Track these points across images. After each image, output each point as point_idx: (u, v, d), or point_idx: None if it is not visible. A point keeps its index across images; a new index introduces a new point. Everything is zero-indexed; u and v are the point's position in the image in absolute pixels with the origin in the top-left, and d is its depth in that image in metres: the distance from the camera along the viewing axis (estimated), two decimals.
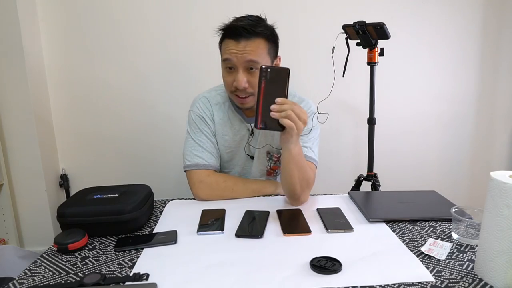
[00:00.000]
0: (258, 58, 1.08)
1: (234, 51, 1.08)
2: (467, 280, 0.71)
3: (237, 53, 1.07)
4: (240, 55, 1.07)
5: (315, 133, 1.23)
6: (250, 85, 1.11)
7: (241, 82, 1.09)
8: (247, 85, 1.11)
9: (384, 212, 1.04)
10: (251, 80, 1.10)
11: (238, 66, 1.09)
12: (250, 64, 1.08)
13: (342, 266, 0.76)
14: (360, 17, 1.60)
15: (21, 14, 1.76)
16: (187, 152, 1.23)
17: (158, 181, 1.59)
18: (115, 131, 2.04)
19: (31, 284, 0.74)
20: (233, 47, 1.08)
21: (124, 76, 1.98)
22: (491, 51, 2.10)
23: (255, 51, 1.08)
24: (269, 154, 1.28)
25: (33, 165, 1.88)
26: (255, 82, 1.06)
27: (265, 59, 1.11)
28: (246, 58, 1.07)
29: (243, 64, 1.08)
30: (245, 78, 1.10)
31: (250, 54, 1.07)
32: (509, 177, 0.68)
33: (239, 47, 1.07)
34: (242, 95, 1.13)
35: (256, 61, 1.08)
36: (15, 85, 1.80)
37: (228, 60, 1.10)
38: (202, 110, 1.25)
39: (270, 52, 1.13)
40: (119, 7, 1.90)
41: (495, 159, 2.25)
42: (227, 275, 0.75)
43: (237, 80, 1.10)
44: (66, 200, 1.05)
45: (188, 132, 1.26)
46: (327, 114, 1.30)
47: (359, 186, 1.81)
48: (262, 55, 1.10)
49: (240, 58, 1.07)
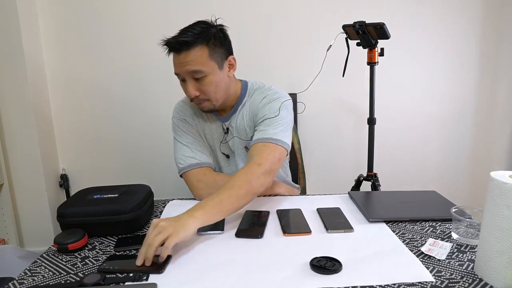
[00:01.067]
0: (200, 66, 1.09)
1: (178, 63, 1.10)
2: (467, 280, 0.71)
3: (180, 65, 1.10)
4: (183, 66, 1.09)
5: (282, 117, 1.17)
6: (202, 92, 1.13)
7: (191, 92, 1.12)
8: (197, 93, 1.13)
9: (384, 212, 1.04)
10: (201, 88, 1.12)
11: (185, 77, 1.12)
12: (193, 74, 1.10)
13: (342, 266, 0.76)
14: (360, 17, 1.60)
15: (21, 14, 1.76)
16: (178, 156, 1.24)
17: (158, 181, 1.59)
18: (115, 131, 2.04)
19: (31, 284, 0.74)
20: (176, 60, 1.10)
21: (124, 76, 1.98)
22: (490, 51, 2.10)
23: (195, 61, 1.08)
24: (247, 148, 1.27)
25: (33, 165, 1.88)
26: (206, 89, 1.12)
27: (210, 64, 1.11)
28: (188, 69, 1.09)
29: (188, 74, 1.11)
30: (194, 87, 1.12)
31: (191, 64, 1.09)
32: (509, 177, 0.68)
33: (180, 59, 1.09)
34: (197, 102, 1.16)
35: (199, 70, 1.09)
36: (15, 85, 1.80)
37: (177, 73, 1.13)
38: (182, 112, 1.28)
39: (214, 57, 1.12)
40: (119, 7, 1.90)
41: (495, 159, 2.25)
42: (227, 275, 0.75)
43: (187, 90, 1.13)
44: (66, 200, 1.05)
45: (175, 138, 1.28)
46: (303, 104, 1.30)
47: (359, 186, 1.81)
48: (205, 62, 1.10)
49: (184, 69, 1.10)
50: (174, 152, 1.26)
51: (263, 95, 1.22)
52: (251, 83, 1.28)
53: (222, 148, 1.28)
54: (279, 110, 1.17)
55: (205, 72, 1.10)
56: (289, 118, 1.19)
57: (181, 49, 1.08)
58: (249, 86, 1.27)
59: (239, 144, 1.26)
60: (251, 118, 1.23)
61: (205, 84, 1.11)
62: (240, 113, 1.24)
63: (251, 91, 1.25)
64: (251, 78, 1.30)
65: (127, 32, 1.93)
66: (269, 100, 1.19)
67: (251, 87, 1.26)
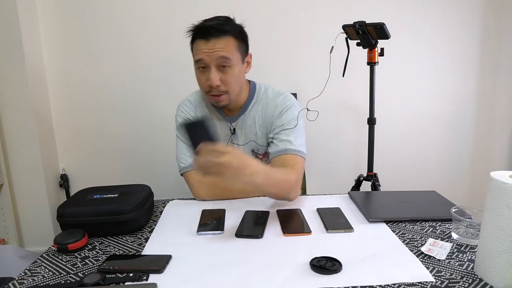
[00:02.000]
0: (229, 54, 1.10)
1: (205, 49, 1.09)
2: (467, 280, 0.71)
3: (208, 51, 1.09)
4: (211, 53, 1.09)
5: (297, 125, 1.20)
6: (223, 83, 1.12)
7: (214, 80, 1.10)
8: (219, 82, 1.11)
9: (384, 212, 1.04)
10: (224, 78, 1.12)
11: (210, 64, 1.10)
12: (222, 61, 1.10)
13: (342, 266, 0.76)
14: (360, 17, 1.60)
15: (21, 14, 1.76)
16: (179, 155, 1.24)
17: (158, 181, 1.59)
18: (115, 131, 2.04)
19: (31, 284, 0.74)
20: (203, 46, 1.09)
21: (124, 76, 1.98)
22: (491, 51, 2.10)
23: (225, 48, 1.09)
24: (254, 152, 1.28)
25: (33, 165, 1.88)
26: (228, 79, 1.11)
27: (235, 55, 1.12)
28: (217, 55, 1.09)
29: (215, 61, 1.10)
30: (217, 76, 1.11)
31: (221, 51, 1.09)
32: (509, 177, 0.68)
33: (209, 45, 1.09)
34: (216, 93, 1.14)
35: (228, 57, 1.10)
36: (15, 85, 1.80)
37: (200, 59, 1.11)
38: (187, 112, 1.27)
39: (239, 50, 1.14)
40: (119, 8, 1.90)
41: (495, 159, 2.25)
42: (227, 275, 0.75)
43: (210, 78, 1.11)
44: (66, 200, 1.05)
45: (177, 136, 1.27)
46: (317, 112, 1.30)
47: (359, 186, 1.81)
48: (232, 52, 1.11)
49: (211, 56, 1.09)
50: (176, 150, 1.26)
51: (275, 101, 1.22)
52: (258, 85, 1.28)
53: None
54: (297, 119, 1.20)
55: (232, 62, 1.11)
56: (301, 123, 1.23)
57: (211, 36, 1.08)
58: (257, 88, 1.27)
59: (248, 147, 1.26)
60: (264, 124, 1.23)
61: (228, 74, 1.11)
62: (250, 115, 1.24)
63: (260, 93, 1.25)
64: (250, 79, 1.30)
65: (127, 33, 1.93)
66: (284, 108, 1.21)
67: (259, 89, 1.26)
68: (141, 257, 0.83)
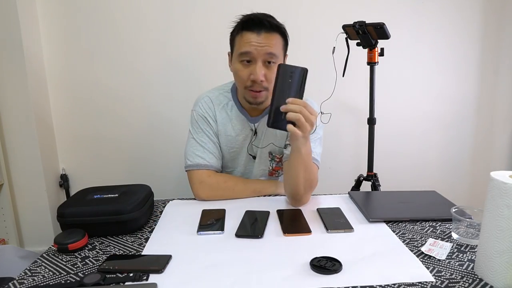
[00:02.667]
0: (276, 51, 1.09)
1: (255, 43, 1.07)
2: (467, 280, 0.71)
3: (258, 45, 1.07)
4: (260, 47, 1.07)
5: (318, 134, 1.22)
6: (266, 79, 1.10)
7: (259, 75, 1.08)
8: (264, 78, 1.10)
9: (384, 212, 1.04)
10: (267, 74, 1.10)
11: (257, 58, 1.08)
12: (269, 57, 1.08)
13: (342, 266, 0.76)
14: (360, 17, 1.60)
15: (21, 14, 1.75)
16: (188, 152, 1.23)
17: (158, 181, 1.59)
18: (115, 131, 2.04)
19: (31, 284, 0.74)
20: (253, 39, 1.07)
21: (124, 77, 1.98)
22: (491, 51, 2.10)
23: (275, 44, 1.08)
24: (271, 154, 1.28)
25: (33, 165, 1.88)
26: (271, 76, 1.08)
27: (281, 54, 1.12)
28: (267, 50, 1.07)
29: (262, 56, 1.08)
30: (263, 70, 1.09)
31: (271, 46, 1.07)
32: (509, 177, 0.68)
33: (260, 39, 1.07)
34: (258, 88, 1.12)
35: (275, 54, 1.09)
36: (15, 85, 1.80)
37: (247, 52, 1.09)
38: (205, 110, 1.25)
39: (283, 49, 1.14)
40: (119, 8, 1.90)
41: (495, 159, 2.25)
42: (227, 275, 0.75)
43: (255, 72, 1.09)
44: (66, 200, 1.05)
45: (190, 132, 1.26)
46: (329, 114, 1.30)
47: (359, 186, 1.81)
48: (279, 49, 1.11)
49: (260, 50, 1.07)
50: (186, 145, 1.25)
51: None
52: None
53: (250, 149, 1.27)
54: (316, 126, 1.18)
55: (278, 59, 1.10)
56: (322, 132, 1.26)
57: (263, 29, 1.07)
58: None
59: (267, 149, 1.26)
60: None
61: (272, 71, 1.08)
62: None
63: None
64: None
65: (128, 34, 1.93)
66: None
67: None
68: (141, 257, 0.83)
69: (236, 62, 1.13)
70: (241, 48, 1.10)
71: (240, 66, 1.12)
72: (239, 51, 1.11)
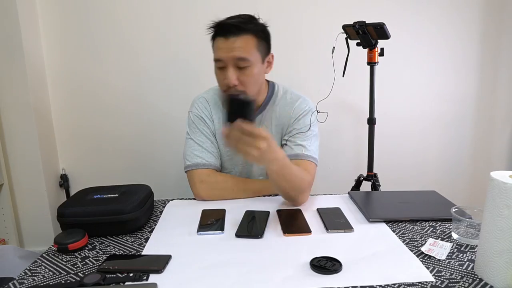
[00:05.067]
0: (247, 55, 1.08)
1: (224, 48, 1.08)
2: (467, 280, 0.71)
3: (226, 50, 1.07)
4: (230, 52, 1.07)
5: (313, 131, 1.22)
6: (241, 83, 1.10)
7: (232, 80, 1.09)
8: (237, 82, 1.10)
9: (384, 212, 1.04)
10: (241, 78, 1.10)
11: (228, 63, 1.09)
12: (239, 61, 1.08)
13: (342, 266, 0.76)
14: (360, 17, 1.60)
15: (21, 14, 1.75)
16: (187, 152, 1.23)
17: (158, 181, 1.59)
18: (115, 131, 2.04)
19: (31, 284, 0.74)
20: (222, 44, 1.08)
21: (124, 76, 1.98)
22: (491, 51, 2.10)
23: (244, 47, 1.07)
24: None
25: (33, 165, 1.88)
26: (246, 80, 1.09)
27: (255, 55, 1.11)
28: (235, 55, 1.07)
29: (232, 61, 1.08)
30: (235, 75, 1.09)
31: (239, 50, 1.07)
32: (509, 177, 0.68)
33: (228, 43, 1.07)
34: (234, 93, 1.12)
35: (245, 58, 1.08)
36: (15, 85, 1.80)
37: (218, 59, 1.10)
38: (201, 110, 1.26)
39: (260, 49, 1.12)
40: (119, 7, 1.90)
41: (495, 159, 2.25)
42: (227, 275, 0.75)
43: (227, 77, 1.09)
44: (66, 200, 1.05)
45: (187, 133, 1.27)
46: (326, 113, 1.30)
47: (359, 186, 1.81)
48: (251, 52, 1.09)
49: (230, 55, 1.07)
50: (184, 147, 1.26)
51: (293, 104, 1.22)
52: (277, 86, 1.27)
53: None
54: (314, 125, 1.21)
55: (250, 62, 1.09)
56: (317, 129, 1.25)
57: (231, 33, 1.07)
58: (276, 89, 1.26)
59: None
60: (280, 126, 1.23)
61: (246, 74, 1.09)
62: (267, 116, 1.24)
63: (278, 95, 1.25)
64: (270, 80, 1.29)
65: (128, 32, 1.93)
66: (301, 113, 1.21)
67: (277, 90, 1.26)
68: (140, 257, 0.83)
69: (214, 67, 1.15)
70: (215, 54, 1.12)
71: (216, 71, 1.14)
72: (214, 57, 1.12)
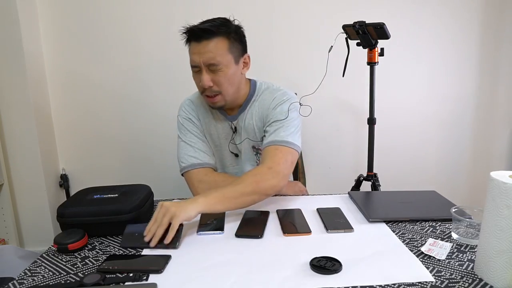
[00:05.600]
0: (219, 57, 1.10)
1: (196, 52, 1.11)
2: (467, 280, 0.71)
3: (199, 54, 1.10)
4: (202, 55, 1.10)
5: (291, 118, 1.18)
6: (215, 84, 1.13)
7: (205, 82, 1.11)
8: (211, 83, 1.12)
9: (384, 212, 1.04)
10: (215, 79, 1.12)
11: (201, 66, 1.11)
12: (210, 65, 1.11)
13: (342, 266, 0.76)
14: (360, 17, 1.60)
15: (21, 14, 1.75)
16: (180, 155, 1.25)
17: (158, 181, 1.59)
18: (115, 131, 2.04)
19: (31, 284, 0.74)
20: (195, 49, 1.11)
21: (124, 77, 1.98)
22: (490, 51, 2.10)
23: (214, 51, 1.09)
24: (255, 148, 1.28)
25: (33, 165, 1.88)
26: (220, 81, 1.12)
27: (227, 57, 1.12)
28: (207, 60, 1.10)
29: (205, 63, 1.11)
30: (209, 77, 1.12)
31: (210, 54, 1.09)
32: (509, 177, 0.68)
33: (200, 47, 1.10)
34: (210, 94, 1.15)
35: (215, 62, 1.10)
36: (15, 85, 1.80)
37: (192, 62, 1.13)
38: (188, 112, 1.28)
39: (232, 51, 1.13)
40: (119, 8, 1.90)
41: (495, 159, 2.25)
42: (227, 275, 0.75)
43: (201, 80, 1.12)
44: (66, 200, 1.05)
45: (179, 137, 1.28)
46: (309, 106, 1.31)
47: (359, 186, 1.81)
48: (223, 54, 1.11)
49: (202, 58, 1.10)
50: (177, 150, 1.27)
51: (272, 96, 1.22)
52: (259, 83, 1.28)
53: (231, 147, 1.29)
54: (288, 111, 1.18)
55: (223, 64, 1.11)
56: (298, 119, 1.21)
57: (202, 38, 1.09)
58: (258, 86, 1.27)
59: (247, 144, 1.27)
60: (261, 119, 1.23)
61: (220, 76, 1.12)
62: (249, 112, 1.24)
63: (260, 91, 1.26)
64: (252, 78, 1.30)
65: (127, 31, 1.93)
66: (279, 102, 1.20)
67: (259, 86, 1.27)
68: (140, 257, 0.83)
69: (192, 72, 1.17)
70: (190, 58, 1.14)
71: (193, 74, 1.17)
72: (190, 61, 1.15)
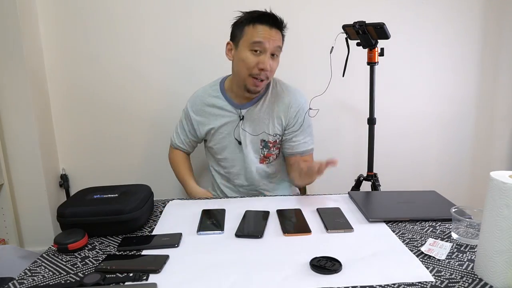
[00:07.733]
0: (280, 49, 1.23)
1: (267, 35, 1.18)
2: (467, 280, 0.71)
3: (270, 38, 1.18)
4: (272, 40, 1.19)
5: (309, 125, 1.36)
6: (271, 70, 1.22)
7: (267, 64, 1.19)
8: (269, 68, 1.21)
9: (384, 212, 1.04)
10: (272, 65, 1.23)
11: (267, 49, 1.19)
12: (276, 49, 1.21)
13: (342, 266, 0.76)
14: (360, 17, 1.60)
15: (21, 14, 1.75)
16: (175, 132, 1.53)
17: (158, 181, 1.59)
18: (115, 131, 2.04)
19: (31, 284, 0.74)
20: (266, 32, 1.18)
21: (124, 77, 1.98)
22: (491, 51, 2.10)
23: (280, 41, 1.22)
24: (264, 141, 1.31)
25: (33, 165, 1.88)
26: (274, 68, 1.25)
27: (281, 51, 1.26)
28: (277, 43, 1.21)
29: (272, 48, 1.19)
30: (270, 61, 1.20)
31: (278, 43, 1.20)
32: (509, 177, 0.68)
33: (272, 33, 1.19)
34: (262, 77, 1.21)
35: (278, 52, 1.23)
36: (15, 85, 1.80)
37: (260, 42, 1.18)
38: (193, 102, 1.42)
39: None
40: (119, 7, 1.90)
41: (495, 159, 2.25)
42: (227, 275, 0.75)
43: (263, 62, 1.19)
44: (66, 200, 1.05)
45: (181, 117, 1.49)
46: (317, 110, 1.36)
47: (359, 186, 1.81)
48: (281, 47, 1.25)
49: (272, 42, 1.18)
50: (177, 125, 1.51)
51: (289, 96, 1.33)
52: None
53: (236, 133, 1.34)
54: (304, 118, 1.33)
55: (279, 56, 1.25)
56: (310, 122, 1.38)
57: (274, 25, 1.20)
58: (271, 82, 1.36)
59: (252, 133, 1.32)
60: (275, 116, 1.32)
61: (276, 63, 1.25)
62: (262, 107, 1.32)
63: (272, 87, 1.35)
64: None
65: (128, 33, 1.93)
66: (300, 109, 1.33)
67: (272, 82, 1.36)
68: (138, 257, 0.83)
69: (245, 50, 1.21)
70: (253, 37, 1.19)
71: (249, 54, 1.21)
72: (251, 40, 1.19)
